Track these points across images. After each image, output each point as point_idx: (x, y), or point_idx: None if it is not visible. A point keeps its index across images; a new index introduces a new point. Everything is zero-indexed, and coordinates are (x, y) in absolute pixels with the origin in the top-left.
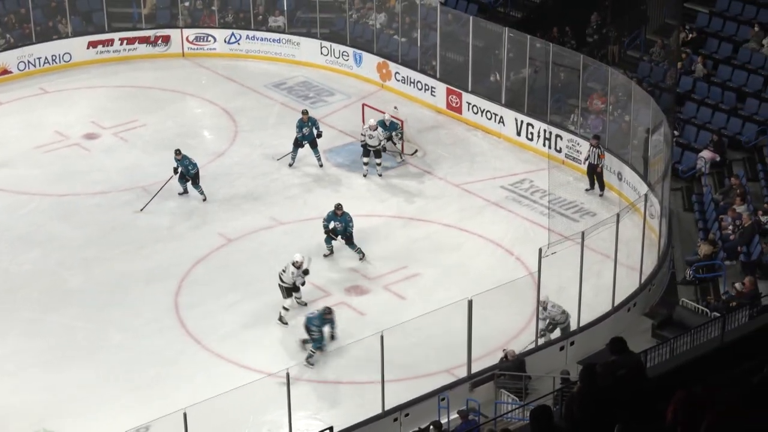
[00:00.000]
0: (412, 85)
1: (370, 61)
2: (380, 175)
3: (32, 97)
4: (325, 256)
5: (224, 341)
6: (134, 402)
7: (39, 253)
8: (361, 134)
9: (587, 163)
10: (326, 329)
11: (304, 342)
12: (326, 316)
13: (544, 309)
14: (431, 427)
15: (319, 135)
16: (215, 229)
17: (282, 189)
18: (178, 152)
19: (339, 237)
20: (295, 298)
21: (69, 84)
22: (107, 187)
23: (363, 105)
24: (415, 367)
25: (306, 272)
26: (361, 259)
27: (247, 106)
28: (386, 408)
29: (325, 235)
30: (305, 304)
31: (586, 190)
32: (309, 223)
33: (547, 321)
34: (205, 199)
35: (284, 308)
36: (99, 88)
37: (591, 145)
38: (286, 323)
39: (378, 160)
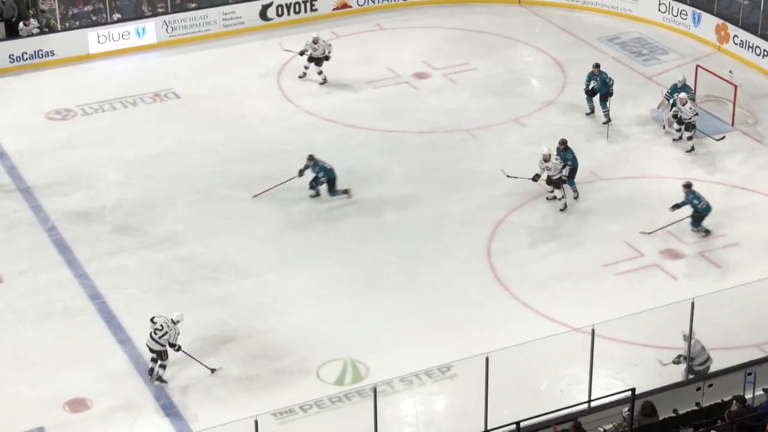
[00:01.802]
0: (750, 49)
1: (709, 21)
2: (561, 209)
3: (369, 33)
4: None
5: (533, 291)
6: (439, 341)
7: (361, 186)
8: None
9: None
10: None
11: None
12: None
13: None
14: (734, 401)
15: (609, 92)
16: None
17: (605, 145)
18: (311, 158)
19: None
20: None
21: (405, 23)
22: (432, 127)
23: (697, 66)
24: (723, 338)
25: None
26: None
27: (578, 58)
28: (689, 376)
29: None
30: None
31: None
32: (627, 181)
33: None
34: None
35: None
36: (433, 28)
37: None
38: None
39: (558, 192)
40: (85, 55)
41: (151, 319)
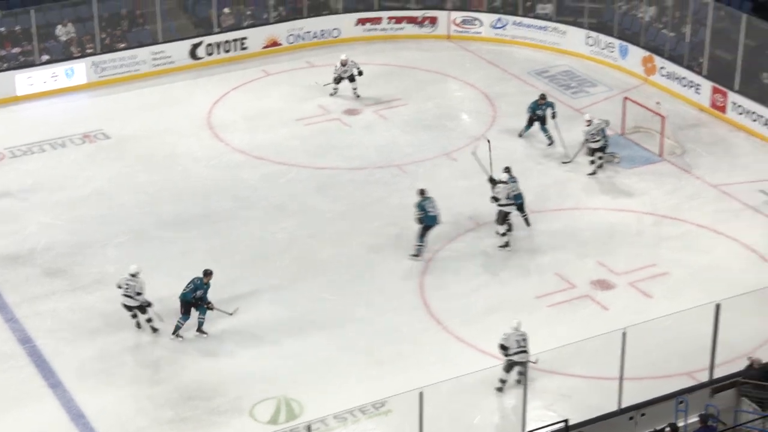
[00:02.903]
0: (676, 81)
1: (636, 53)
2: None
3: (299, 70)
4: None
5: (466, 325)
6: (373, 377)
7: (293, 223)
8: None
9: None
10: None
11: None
12: None
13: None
14: (667, 429)
15: (554, 116)
16: (467, 213)
17: (536, 176)
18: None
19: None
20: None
21: (335, 60)
22: (364, 163)
23: (625, 98)
24: (655, 367)
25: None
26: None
27: (507, 92)
28: (622, 406)
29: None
30: None
31: None
32: (557, 213)
33: None
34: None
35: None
36: (364, 65)
37: None
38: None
39: (501, 228)
40: (12, 97)
41: (118, 286)
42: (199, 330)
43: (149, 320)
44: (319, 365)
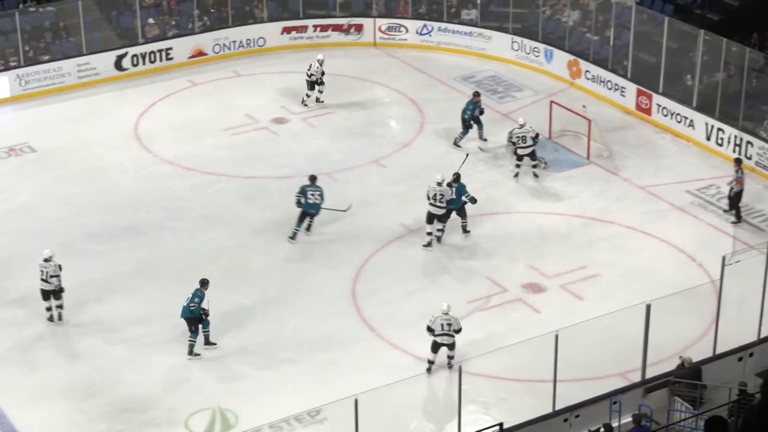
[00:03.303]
0: (601, 84)
1: (561, 58)
2: (439, 240)
3: (225, 80)
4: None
5: (400, 330)
6: (307, 385)
7: (223, 233)
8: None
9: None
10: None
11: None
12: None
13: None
14: (602, 429)
15: (481, 112)
16: (397, 219)
17: (466, 181)
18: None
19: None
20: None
21: (261, 68)
22: (292, 172)
23: (551, 102)
24: (588, 369)
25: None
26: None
27: (435, 98)
28: (557, 408)
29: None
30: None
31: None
32: (487, 218)
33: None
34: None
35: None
36: (290, 73)
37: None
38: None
39: (440, 225)
40: None
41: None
42: (208, 343)
43: (60, 306)
44: (253, 375)
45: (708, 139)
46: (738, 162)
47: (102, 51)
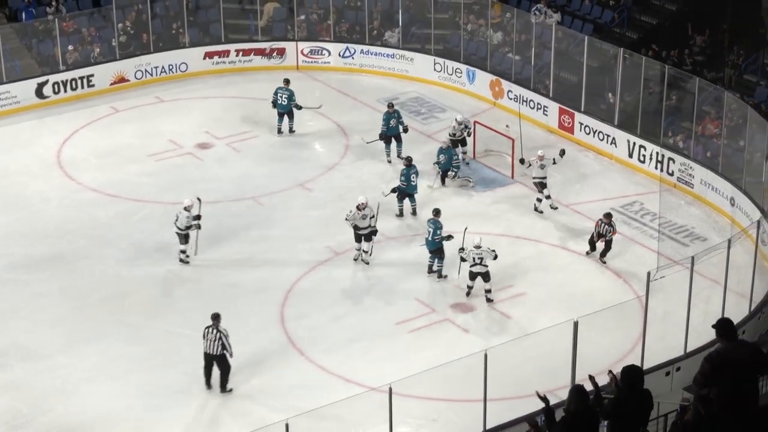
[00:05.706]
0: (524, 103)
1: (483, 78)
2: (367, 263)
3: (148, 106)
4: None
5: (329, 353)
6: (237, 411)
7: (149, 260)
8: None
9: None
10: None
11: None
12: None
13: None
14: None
15: (405, 129)
16: (324, 242)
17: (393, 204)
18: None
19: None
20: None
21: (184, 94)
22: (218, 197)
23: (475, 122)
24: (517, 387)
25: (197, 217)
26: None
27: (359, 120)
28: (488, 427)
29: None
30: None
31: (587, 252)
32: (415, 239)
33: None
34: None
35: (182, 252)
36: (214, 98)
37: (603, 222)
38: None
39: (366, 245)
40: None
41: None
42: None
43: None
44: (181, 401)
45: (630, 156)
46: (609, 216)
47: (22, 79)
